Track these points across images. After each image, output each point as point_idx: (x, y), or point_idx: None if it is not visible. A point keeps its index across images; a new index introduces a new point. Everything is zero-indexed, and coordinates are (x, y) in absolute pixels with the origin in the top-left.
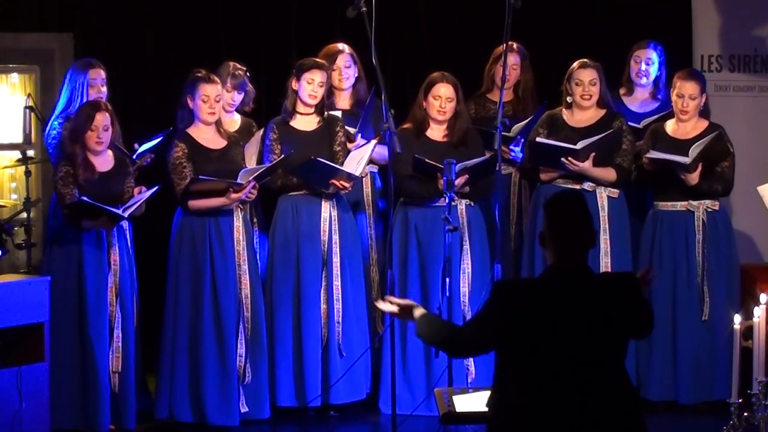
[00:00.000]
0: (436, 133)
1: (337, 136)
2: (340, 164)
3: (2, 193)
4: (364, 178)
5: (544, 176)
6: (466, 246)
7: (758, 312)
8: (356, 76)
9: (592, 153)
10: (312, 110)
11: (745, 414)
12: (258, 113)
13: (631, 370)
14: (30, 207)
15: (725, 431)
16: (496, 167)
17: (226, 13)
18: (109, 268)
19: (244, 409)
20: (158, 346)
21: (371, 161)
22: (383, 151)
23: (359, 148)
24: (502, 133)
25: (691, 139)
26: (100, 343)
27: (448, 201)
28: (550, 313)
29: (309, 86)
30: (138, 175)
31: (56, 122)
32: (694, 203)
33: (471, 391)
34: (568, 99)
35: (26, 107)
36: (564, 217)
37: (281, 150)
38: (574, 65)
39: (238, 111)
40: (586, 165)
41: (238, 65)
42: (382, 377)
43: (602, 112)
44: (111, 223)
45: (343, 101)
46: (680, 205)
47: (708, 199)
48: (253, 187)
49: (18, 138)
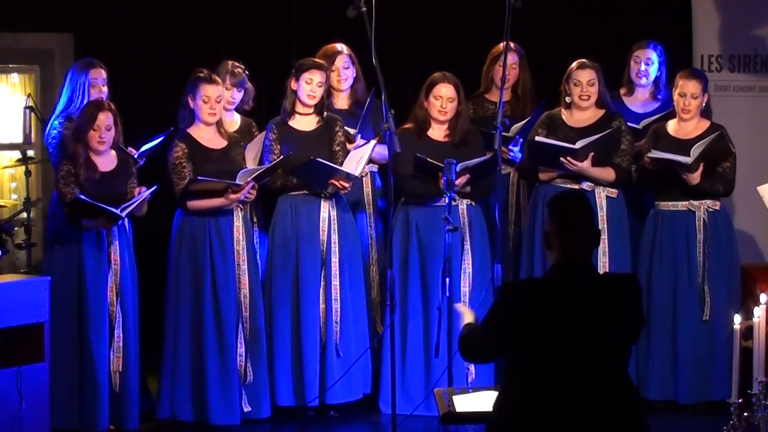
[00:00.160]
0: (438, 133)
1: (337, 136)
2: (340, 164)
3: (2, 193)
4: (364, 178)
5: (542, 176)
6: (467, 246)
7: (758, 312)
8: (354, 76)
9: (591, 153)
10: (311, 110)
11: (745, 414)
12: (258, 113)
13: (631, 369)
14: (30, 207)
15: (725, 431)
16: (497, 167)
17: (226, 13)
18: (110, 268)
19: (247, 409)
20: (159, 346)
21: (371, 161)
22: (383, 150)
23: (359, 148)
24: (502, 134)
25: (693, 139)
26: (99, 342)
27: (448, 201)
28: (556, 312)
29: (308, 86)
30: (137, 175)
31: (56, 122)
32: (695, 203)
33: (471, 391)
34: (567, 99)
35: (26, 107)
36: (569, 216)
37: (280, 150)
38: (572, 65)
39: (238, 110)
40: (585, 165)
41: (237, 63)
42: (382, 377)
43: (601, 112)
44: (110, 223)
45: (341, 102)
46: (681, 205)
47: (709, 199)
48: (252, 188)
49: (18, 138)
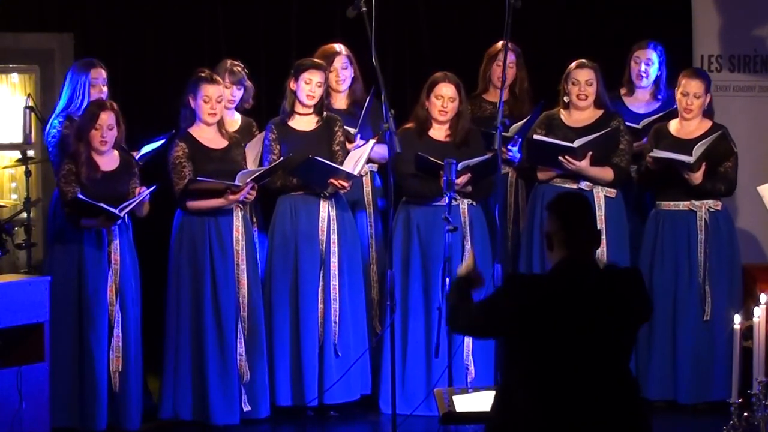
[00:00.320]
0: (439, 132)
1: (336, 135)
2: (340, 164)
3: (2, 193)
4: (363, 178)
5: (541, 175)
6: (468, 246)
7: (758, 312)
8: (352, 76)
9: (590, 152)
10: (311, 110)
11: (745, 414)
12: (258, 113)
13: (631, 368)
14: (30, 207)
15: (725, 431)
16: (498, 167)
17: (226, 13)
18: (110, 267)
19: (247, 408)
20: (159, 346)
21: (370, 161)
22: (383, 150)
23: (358, 148)
24: (501, 134)
25: (695, 139)
26: (98, 342)
27: (448, 201)
28: (558, 309)
29: (307, 86)
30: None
31: (56, 121)
32: (697, 203)
33: (471, 391)
34: (565, 99)
35: (26, 107)
36: (570, 217)
37: (280, 150)
38: (571, 65)
39: (238, 110)
40: (583, 164)
41: (236, 62)
42: (382, 377)
43: (599, 112)
44: (109, 222)
45: (339, 102)
46: (682, 205)
47: (711, 199)
48: (252, 189)
49: (18, 138)
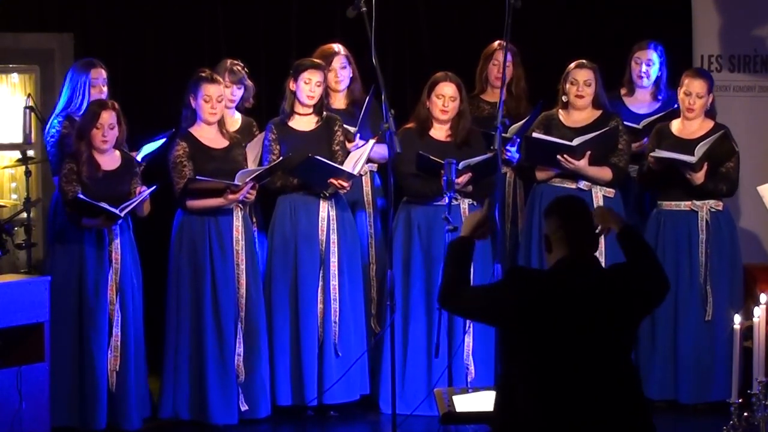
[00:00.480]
0: (440, 132)
1: (336, 135)
2: (340, 164)
3: (2, 193)
4: (363, 177)
5: (540, 175)
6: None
7: (758, 312)
8: (351, 76)
9: (588, 151)
10: (310, 110)
11: (745, 414)
12: (258, 113)
13: None
14: (30, 207)
15: (725, 431)
16: (498, 166)
17: (226, 13)
18: (110, 266)
19: (244, 408)
20: (159, 346)
21: (370, 161)
22: (382, 150)
23: (358, 148)
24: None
25: (697, 139)
26: (98, 342)
27: (448, 201)
28: (560, 303)
29: (306, 86)
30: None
31: (56, 120)
32: (698, 203)
33: (471, 391)
34: (564, 98)
35: (26, 107)
36: (568, 219)
37: (280, 150)
38: (571, 65)
39: (239, 109)
40: (582, 163)
41: (236, 61)
42: (382, 377)
43: (598, 112)
44: (110, 222)
45: (338, 102)
46: (684, 205)
47: (712, 199)
48: (252, 188)
49: (18, 138)
